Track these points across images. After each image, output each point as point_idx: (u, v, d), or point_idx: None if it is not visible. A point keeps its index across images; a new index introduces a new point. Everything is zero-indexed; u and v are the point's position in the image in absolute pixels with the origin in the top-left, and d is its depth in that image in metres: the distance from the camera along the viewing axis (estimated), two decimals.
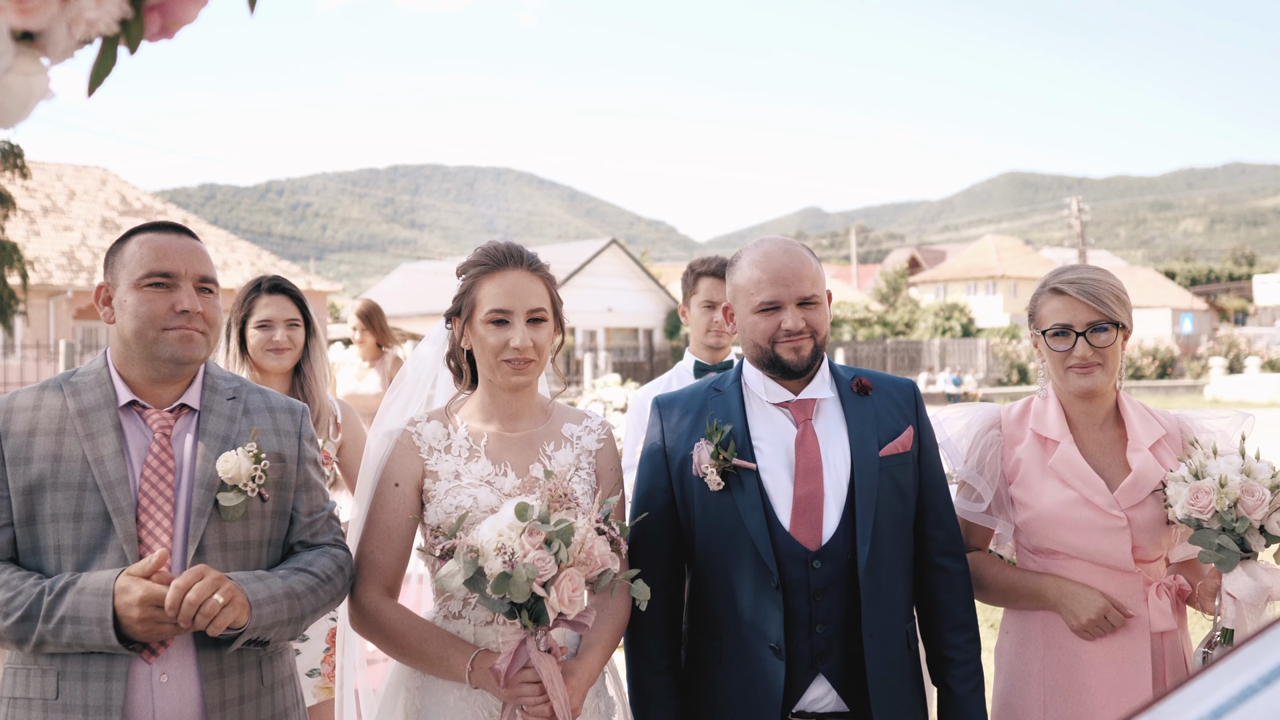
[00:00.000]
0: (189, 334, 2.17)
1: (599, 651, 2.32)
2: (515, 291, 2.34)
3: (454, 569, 2.06)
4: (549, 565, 2.02)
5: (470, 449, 2.37)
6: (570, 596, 2.06)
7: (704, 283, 3.79)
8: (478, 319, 2.35)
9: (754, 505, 2.35)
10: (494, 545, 2.03)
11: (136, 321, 2.15)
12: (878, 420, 2.44)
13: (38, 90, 0.99)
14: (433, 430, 2.39)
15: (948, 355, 40.80)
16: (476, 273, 2.38)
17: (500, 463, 2.37)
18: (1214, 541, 2.36)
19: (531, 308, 2.35)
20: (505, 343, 2.32)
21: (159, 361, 2.18)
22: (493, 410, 2.42)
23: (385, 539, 2.35)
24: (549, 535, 2.04)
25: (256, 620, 2.06)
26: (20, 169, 18.72)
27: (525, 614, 2.07)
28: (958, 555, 2.51)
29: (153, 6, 1.00)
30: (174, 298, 2.17)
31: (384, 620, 2.31)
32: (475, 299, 2.37)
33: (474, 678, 2.21)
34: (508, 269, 2.37)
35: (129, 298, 2.16)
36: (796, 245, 2.47)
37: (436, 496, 2.33)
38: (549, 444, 2.42)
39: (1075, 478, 2.54)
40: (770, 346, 2.40)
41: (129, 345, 2.18)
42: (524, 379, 2.37)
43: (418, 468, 2.36)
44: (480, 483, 2.33)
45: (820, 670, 2.35)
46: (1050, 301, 2.58)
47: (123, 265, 2.19)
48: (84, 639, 1.99)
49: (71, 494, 2.08)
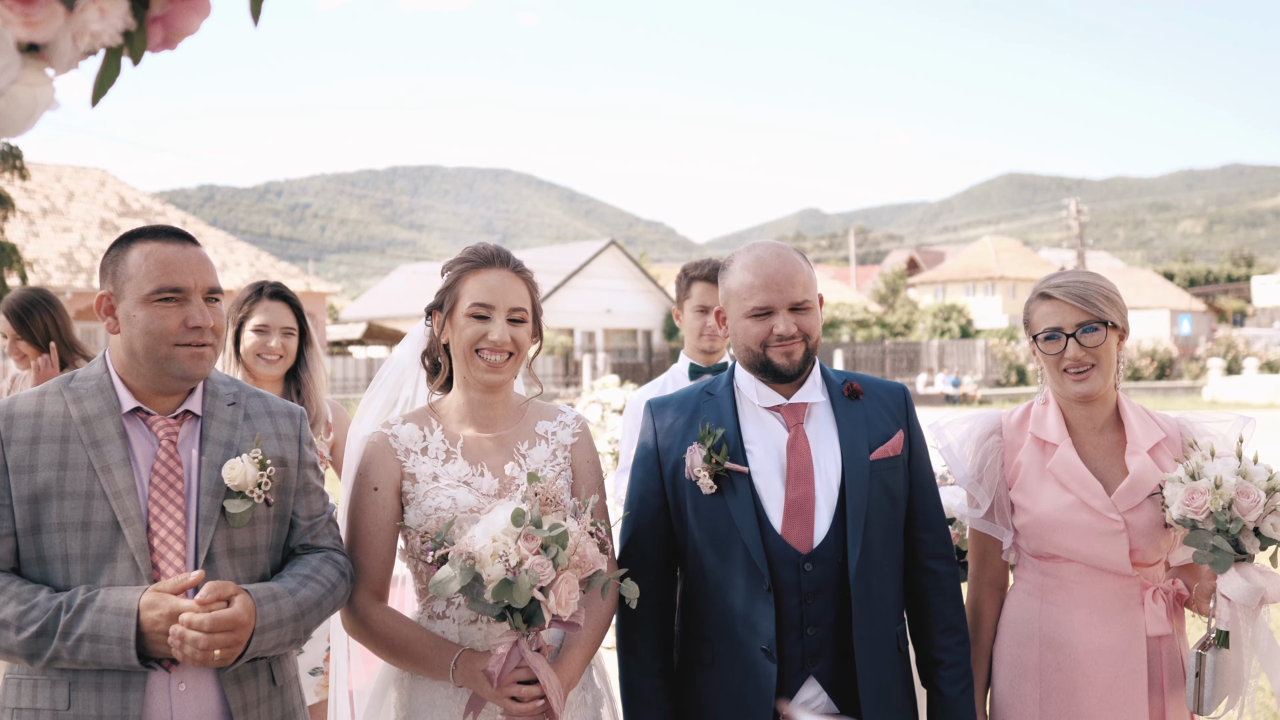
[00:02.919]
0: (201, 350, 2.16)
1: (581, 651, 2.35)
2: (498, 288, 2.39)
3: (449, 575, 2.06)
4: (548, 571, 2.04)
5: (447, 451, 2.40)
6: (566, 599, 2.08)
7: (697, 287, 3.81)
8: (459, 312, 2.39)
9: (746, 508, 2.36)
10: (490, 552, 2.04)
11: (148, 338, 2.12)
12: (868, 424, 2.45)
13: (43, 101, 1.00)
14: (409, 432, 2.41)
15: (946, 356, 40.83)
16: (462, 269, 2.43)
17: (477, 464, 2.39)
18: (1209, 543, 2.37)
19: (512, 306, 2.39)
20: (483, 335, 2.36)
21: (169, 377, 2.16)
22: (468, 412, 2.45)
23: (369, 544, 2.38)
24: (545, 541, 2.06)
25: (256, 647, 2.06)
26: (19, 170, 18.73)
27: (518, 616, 2.09)
28: (947, 558, 2.52)
29: (155, 18, 1.02)
30: (186, 313, 2.14)
31: (373, 623, 2.34)
32: (458, 293, 2.41)
33: (458, 677, 2.24)
34: (493, 267, 2.42)
35: (139, 313, 2.12)
36: (788, 250, 2.48)
37: (416, 499, 2.35)
38: (523, 443, 2.45)
39: (1073, 481, 2.55)
40: (762, 351, 2.41)
41: (137, 358, 2.15)
42: (499, 377, 2.40)
43: (395, 471, 2.38)
44: (458, 484, 2.35)
45: (811, 672, 2.37)
46: (1040, 306, 2.60)
47: (128, 277, 2.14)
48: (102, 658, 1.97)
49: (79, 503, 2.05)
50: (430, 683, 2.33)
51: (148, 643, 1.99)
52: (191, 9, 1.05)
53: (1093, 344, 2.52)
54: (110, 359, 2.22)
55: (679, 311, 3.95)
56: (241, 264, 29.19)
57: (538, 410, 2.55)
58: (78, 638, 1.96)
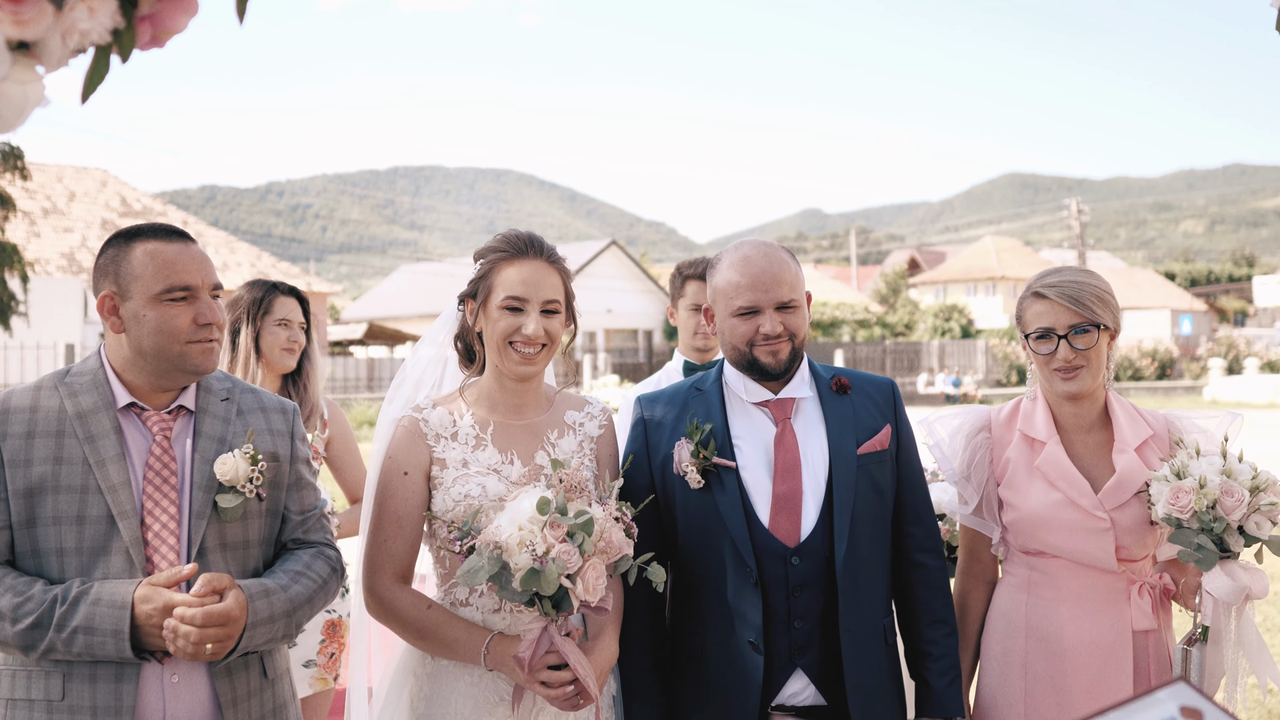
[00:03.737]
0: (210, 346, 2.20)
1: (612, 632, 2.36)
2: (532, 280, 2.37)
3: (477, 564, 2.06)
4: (574, 558, 2.05)
5: (477, 437, 2.39)
6: (594, 585, 2.08)
7: (691, 286, 3.84)
8: (493, 304, 2.38)
9: (734, 503, 2.38)
10: (518, 541, 2.04)
11: (160, 336, 2.15)
12: (856, 419, 2.47)
13: (33, 97, 1.03)
14: (439, 417, 2.41)
15: (947, 356, 40.81)
16: (495, 258, 2.41)
17: (507, 451, 2.39)
18: (1193, 541, 2.39)
19: (546, 298, 2.38)
20: (517, 328, 2.35)
21: (178, 373, 2.19)
22: (499, 399, 2.45)
23: (397, 527, 2.37)
24: (571, 529, 2.06)
25: (248, 642, 2.09)
26: (20, 170, 18.75)
27: (547, 603, 2.09)
28: (935, 552, 2.54)
29: (144, 16, 1.04)
30: (195, 310, 2.18)
31: (399, 607, 2.34)
32: (492, 284, 2.39)
33: (490, 661, 2.25)
34: (527, 258, 2.39)
35: (148, 312, 2.15)
36: (776, 249, 2.49)
37: (444, 484, 2.35)
38: (553, 432, 2.45)
39: (1060, 479, 2.57)
40: (748, 349, 2.43)
41: (145, 356, 2.17)
42: (532, 369, 2.39)
43: (425, 455, 2.38)
44: (488, 471, 2.35)
45: (798, 665, 2.38)
46: (1033, 305, 2.60)
47: (134, 276, 2.16)
48: (96, 650, 2.00)
49: (74, 497, 2.08)
50: (453, 671, 2.34)
51: (142, 635, 2.01)
52: (179, 8, 1.08)
53: (1084, 345, 2.52)
54: (106, 355, 2.24)
55: (673, 310, 3.97)
56: (243, 264, 29.21)
57: (565, 400, 2.55)
58: (72, 630, 1.99)
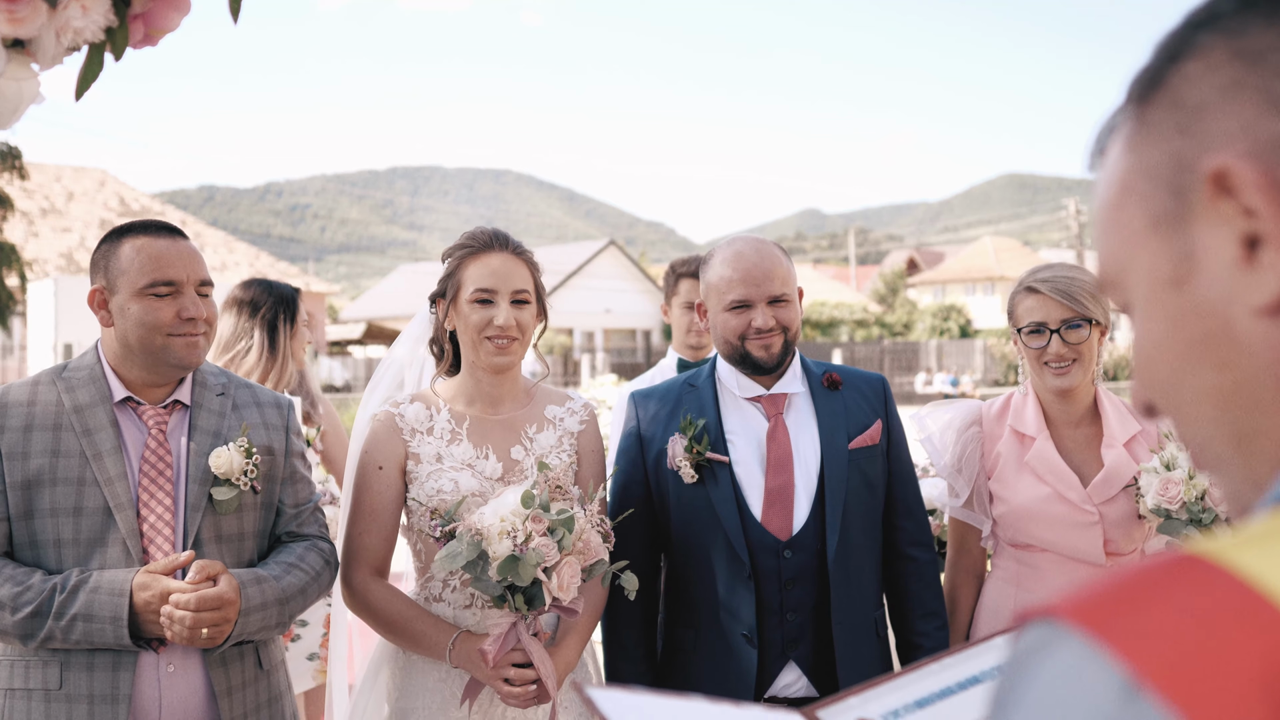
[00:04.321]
0: (194, 340, 2.22)
1: (578, 637, 2.38)
2: (500, 271, 2.39)
3: (456, 550, 2.09)
4: (553, 552, 2.07)
5: (452, 432, 2.41)
6: (568, 583, 2.10)
7: (684, 283, 3.87)
8: (462, 299, 2.40)
9: (727, 497, 2.40)
10: (499, 529, 2.07)
11: (142, 329, 2.18)
12: (847, 414, 2.49)
13: (28, 94, 1.05)
14: (415, 412, 2.43)
15: (945, 356, 40.83)
16: (462, 255, 2.44)
17: (482, 446, 2.41)
18: (1182, 532, 2.41)
19: (515, 289, 2.40)
20: (489, 320, 2.37)
21: (164, 366, 2.22)
22: (475, 393, 2.46)
23: (372, 521, 2.40)
24: (552, 524, 2.08)
25: (242, 629, 2.12)
26: (19, 170, 18.78)
27: (519, 598, 2.12)
28: (925, 545, 2.56)
29: (137, 15, 1.06)
30: (179, 304, 2.20)
31: (373, 599, 2.37)
32: (460, 280, 2.42)
33: (454, 657, 2.27)
34: (493, 250, 2.42)
35: (133, 305, 2.19)
36: (768, 244, 2.52)
37: (419, 479, 2.37)
38: (531, 426, 2.47)
39: (1050, 474, 2.59)
40: (741, 344, 2.45)
41: (131, 350, 2.21)
42: (506, 359, 2.41)
43: (400, 450, 2.40)
44: (462, 466, 2.37)
45: (791, 657, 2.40)
46: (1025, 299, 2.62)
47: (121, 271, 2.20)
48: (95, 637, 2.03)
49: (71, 489, 2.12)
50: (423, 665, 2.36)
51: (140, 623, 2.05)
52: (172, 6, 1.10)
53: (1076, 340, 2.55)
54: (102, 350, 2.28)
55: (667, 307, 4.00)
56: (241, 264, 29.22)
57: (546, 395, 2.56)
58: (71, 617, 2.02)
